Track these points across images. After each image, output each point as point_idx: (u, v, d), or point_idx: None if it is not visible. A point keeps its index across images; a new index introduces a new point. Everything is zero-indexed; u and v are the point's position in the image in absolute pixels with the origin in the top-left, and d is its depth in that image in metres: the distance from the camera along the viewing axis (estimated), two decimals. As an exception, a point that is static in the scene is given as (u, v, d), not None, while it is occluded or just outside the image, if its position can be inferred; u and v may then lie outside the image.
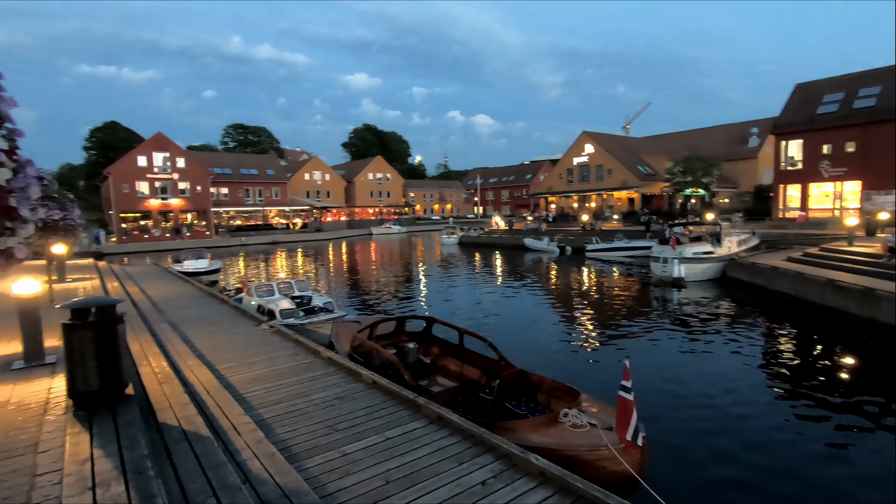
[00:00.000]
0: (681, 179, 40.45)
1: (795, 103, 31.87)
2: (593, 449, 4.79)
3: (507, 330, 13.25)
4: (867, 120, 27.49)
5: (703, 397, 8.27)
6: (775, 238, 24.67)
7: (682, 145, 50.94)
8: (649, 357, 10.69)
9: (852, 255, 15.77)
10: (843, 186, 28.87)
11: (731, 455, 6.34)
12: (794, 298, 14.63)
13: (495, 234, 45.05)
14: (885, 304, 11.29)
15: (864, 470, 6.00)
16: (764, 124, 47.36)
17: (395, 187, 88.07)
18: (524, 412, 6.44)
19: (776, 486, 5.65)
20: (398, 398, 5.82)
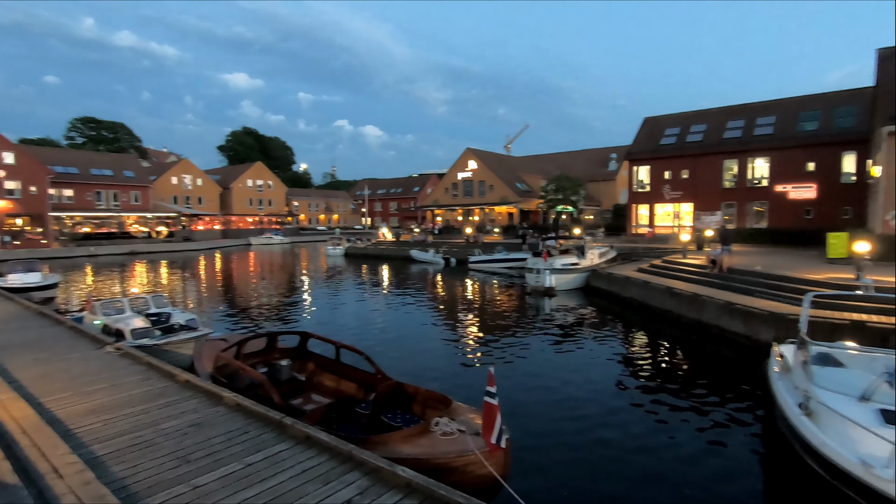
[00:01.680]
0: (553, 197, 44.14)
1: (644, 134, 36.67)
2: (461, 455, 4.94)
3: (390, 342, 13.21)
4: (697, 152, 32.61)
5: (568, 397, 9.00)
6: (629, 251, 27.96)
7: (554, 166, 55.71)
8: (523, 361, 11.38)
9: (685, 266, 18.46)
10: (680, 207, 33.79)
11: (589, 451, 6.96)
12: (642, 304, 16.68)
13: (382, 245, 44.90)
14: (708, 308, 13.38)
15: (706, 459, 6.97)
16: (621, 150, 53.79)
17: (277, 195, 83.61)
18: (399, 424, 6.44)
19: (634, 483, 6.32)
20: (263, 420, 5.47)
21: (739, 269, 15.81)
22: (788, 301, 12.15)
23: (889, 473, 4.13)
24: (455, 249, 36.95)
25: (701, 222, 31.10)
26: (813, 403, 5.55)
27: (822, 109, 30.03)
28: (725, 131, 32.62)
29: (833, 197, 27.75)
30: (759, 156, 30.50)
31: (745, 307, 12.21)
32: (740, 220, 30.84)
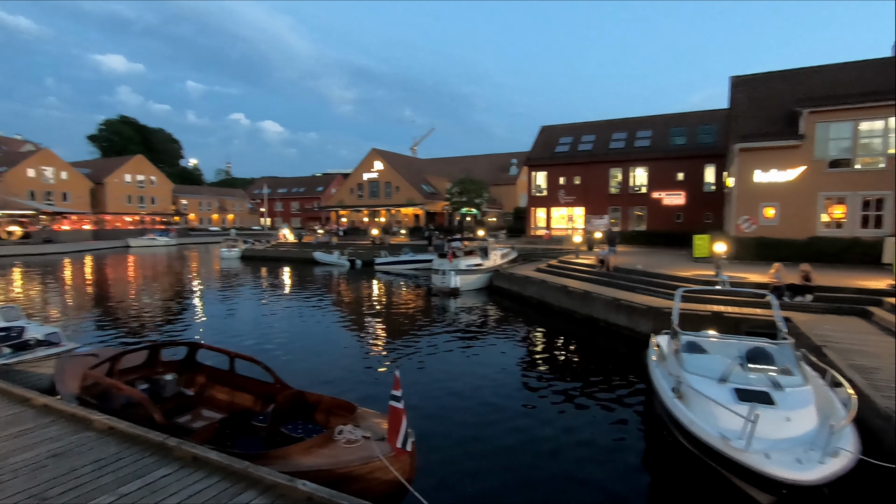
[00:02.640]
0: (458, 199, 45.19)
1: (541, 142, 38.95)
2: (366, 462, 4.83)
3: (291, 349, 12.59)
4: (587, 160, 35.35)
5: (472, 396, 9.22)
6: (529, 252, 29.49)
7: (458, 169, 57.10)
8: (429, 362, 11.46)
9: (578, 265, 19.89)
10: (574, 211, 36.40)
11: (491, 447, 7.19)
12: (541, 302, 17.67)
13: (283, 247, 42.78)
14: (597, 304, 14.52)
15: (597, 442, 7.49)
16: (520, 156, 56.56)
17: (162, 192, 76.07)
18: (301, 435, 6.15)
19: (534, 474, 6.60)
20: (142, 443, 4.91)
21: (623, 268, 17.39)
22: (663, 296, 13.60)
23: (742, 444, 4.77)
24: (361, 251, 36.33)
25: (591, 225, 33.74)
26: (683, 387, 6.24)
27: (688, 126, 34.17)
28: (611, 142, 35.77)
29: (698, 203, 31.65)
30: (639, 165, 33.85)
31: (629, 302, 13.44)
32: (624, 223, 33.97)
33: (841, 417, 5.24)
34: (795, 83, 22.50)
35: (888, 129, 18.43)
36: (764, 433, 4.90)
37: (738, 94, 23.53)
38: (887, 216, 18.48)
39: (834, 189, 19.29)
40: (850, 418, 5.17)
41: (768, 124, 20.80)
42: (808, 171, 19.45)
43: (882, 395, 6.25)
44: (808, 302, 12.09)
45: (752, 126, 21.07)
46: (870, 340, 9.18)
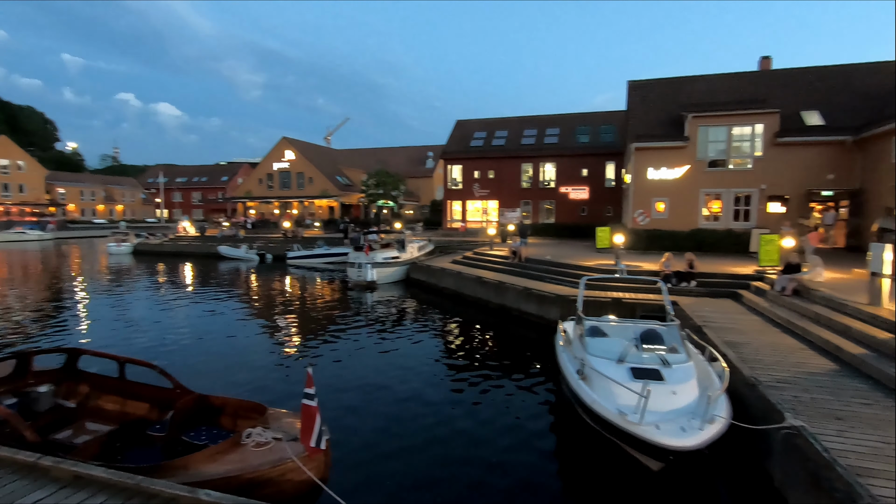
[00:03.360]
0: (374, 191, 44.57)
1: (457, 136, 39.53)
2: (277, 464, 4.64)
3: (195, 351, 11.70)
4: (500, 155, 36.49)
5: (390, 389, 9.19)
6: (445, 244, 29.90)
7: (374, 160, 56.28)
8: (346, 358, 11.23)
9: (492, 257, 20.53)
10: (488, 204, 37.46)
11: (409, 440, 7.21)
12: (457, 293, 18.01)
13: (183, 241, 39.49)
14: (510, 293, 15.11)
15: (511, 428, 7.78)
16: (437, 149, 56.99)
17: (32, 179, 66.83)
18: (205, 442, 5.74)
19: (452, 465, 6.71)
20: (9, 465, 4.30)
21: (534, 259, 18.24)
22: (570, 284, 14.46)
23: (636, 418, 5.22)
24: (272, 245, 34.60)
25: (504, 218, 34.94)
26: (587, 369, 6.70)
27: (592, 126, 36.52)
28: (523, 138, 37.23)
29: (600, 198, 34.03)
30: (548, 161, 35.60)
31: (539, 291, 14.13)
32: (535, 216, 35.62)
33: (717, 388, 5.93)
34: (681, 89, 24.90)
35: (755, 135, 21.04)
36: (655, 406, 5.41)
37: (634, 98, 25.55)
38: (754, 211, 21.15)
39: (712, 186, 21.68)
40: (724, 388, 5.87)
41: (659, 126, 22.83)
42: (692, 170, 21.67)
43: (748, 367, 7.17)
44: (692, 287, 13.50)
45: (645, 127, 23.00)
46: (740, 319, 10.47)
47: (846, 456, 4.59)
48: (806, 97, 22.20)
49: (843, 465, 4.39)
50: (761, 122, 20.82)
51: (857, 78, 22.64)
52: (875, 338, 7.65)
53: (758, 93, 22.89)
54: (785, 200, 20.88)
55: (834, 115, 20.86)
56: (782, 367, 7.27)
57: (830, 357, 7.75)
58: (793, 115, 21.23)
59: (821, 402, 5.94)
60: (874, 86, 21.58)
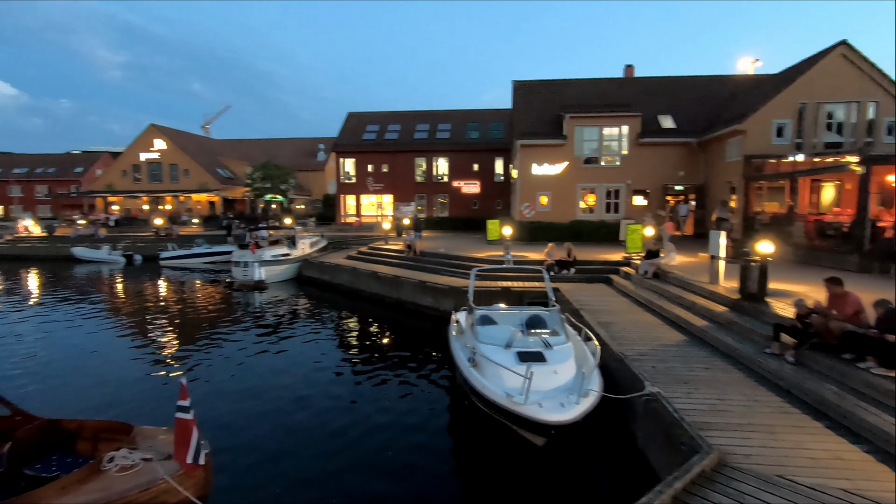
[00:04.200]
0: (260, 185, 41.94)
1: (349, 128, 38.60)
2: (147, 487, 4.20)
3: (45, 371, 10.10)
4: (394, 149, 36.39)
5: (282, 392, 8.76)
6: (340, 240, 29.14)
7: (260, 152, 52.94)
8: (231, 364, 10.47)
9: (388, 251, 20.46)
10: (383, 198, 37.20)
11: (307, 445, 6.95)
12: (352, 289, 17.68)
13: (25, 242, 33.79)
14: (406, 287, 15.20)
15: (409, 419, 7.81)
16: (328, 142, 55.15)
17: None
18: (56, 472, 5.00)
19: (348, 467, 6.57)
20: None
21: (429, 252, 18.53)
22: (463, 276, 14.93)
23: (522, 399, 5.58)
24: (141, 244, 31.00)
25: (399, 212, 34.97)
26: (477, 356, 6.98)
27: (482, 122, 37.91)
28: (416, 133, 37.45)
29: (491, 192, 35.50)
30: (441, 156, 36.27)
31: (434, 284, 14.40)
32: (429, 210, 36.13)
33: (591, 365, 6.54)
34: (559, 91, 26.84)
35: (622, 135, 23.41)
36: (538, 386, 5.81)
37: (519, 97, 27.01)
38: (622, 203, 23.57)
39: (588, 181, 23.74)
40: (596, 364, 6.50)
41: (541, 124, 24.40)
42: (570, 167, 23.51)
43: (617, 344, 8.01)
44: (572, 274, 14.70)
45: (529, 125, 24.44)
46: (610, 301, 11.64)
47: (691, 414, 5.35)
48: (662, 103, 25.17)
49: (689, 421, 5.11)
50: (626, 123, 23.23)
51: (701, 88, 26.21)
52: (714, 311, 8.99)
53: (623, 97, 25.45)
54: (646, 194, 23.56)
55: (683, 119, 23.94)
56: (644, 341, 8.23)
57: (681, 330, 8.94)
58: (651, 118, 23.96)
59: (673, 369, 6.84)
60: (713, 95, 25.17)
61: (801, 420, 5.29)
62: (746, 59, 29.76)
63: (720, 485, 4.08)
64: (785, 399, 5.81)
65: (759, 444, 4.76)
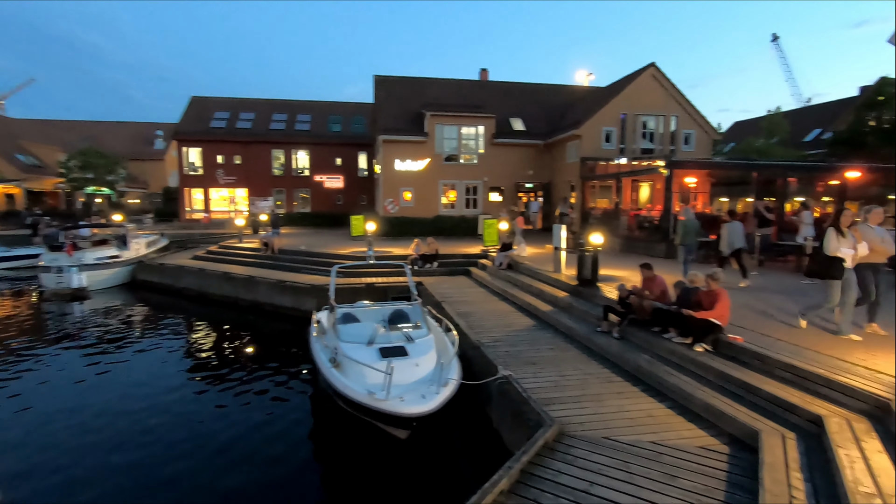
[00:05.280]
0: (80, 175, 35.64)
1: (193, 114, 34.69)
2: None
3: None
4: (247, 139, 33.70)
5: (114, 417, 7.55)
6: (184, 238, 26.16)
7: (78, 136, 44.93)
8: (42, 391, 8.71)
9: (242, 250, 18.92)
10: (236, 192, 34.26)
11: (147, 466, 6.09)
12: (200, 293, 15.98)
13: None
14: (262, 287, 14.23)
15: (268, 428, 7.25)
16: (169, 128, 48.94)
17: None
18: None
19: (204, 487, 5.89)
20: None
21: (288, 250, 17.58)
22: (325, 274, 14.41)
23: (384, 395, 5.58)
24: None
25: (255, 207, 32.57)
26: (339, 356, 6.81)
27: (344, 115, 37.03)
28: (272, 122, 35.14)
29: (355, 187, 34.92)
30: (301, 148, 34.58)
31: (293, 283, 13.71)
32: (289, 205, 34.26)
33: (450, 355, 6.81)
34: (420, 89, 27.42)
35: (478, 135, 24.78)
36: (400, 380, 5.87)
37: (381, 92, 26.95)
38: (480, 199, 25.00)
39: (449, 178, 24.68)
40: (455, 354, 6.79)
41: (403, 121, 24.68)
42: (432, 163, 24.20)
43: (474, 332, 8.48)
44: (435, 268, 15.16)
45: (391, 121, 24.55)
46: (469, 292, 12.28)
47: (537, 392, 5.89)
48: (513, 106, 27.22)
49: (535, 399, 5.62)
50: (482, 124, 24.65)
51: (546, 95, 28.95)
52: (557, 297, 10.01)
53: (479, 99, 26.95)
54: (501, 191, 25.32)
55: (532, 123, 26.19)
56: (498, 328, 8.84)
57: (531, 315, 9.80)
58: (504, 120, 25.77)
59: (523, 352, 7.46)
60: (556, 102, 27.98)
61: (623, 387, 6.16)
62: (582, 72, 33.65)
63: (560, 453, 4.55)
64: (611, 370, 6.72)
65: (591, 412, 5.43)
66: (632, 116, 22.51)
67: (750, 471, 4.19)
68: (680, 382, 5.80)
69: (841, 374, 5.08)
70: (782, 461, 4.10)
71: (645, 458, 4.44)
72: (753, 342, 6.12)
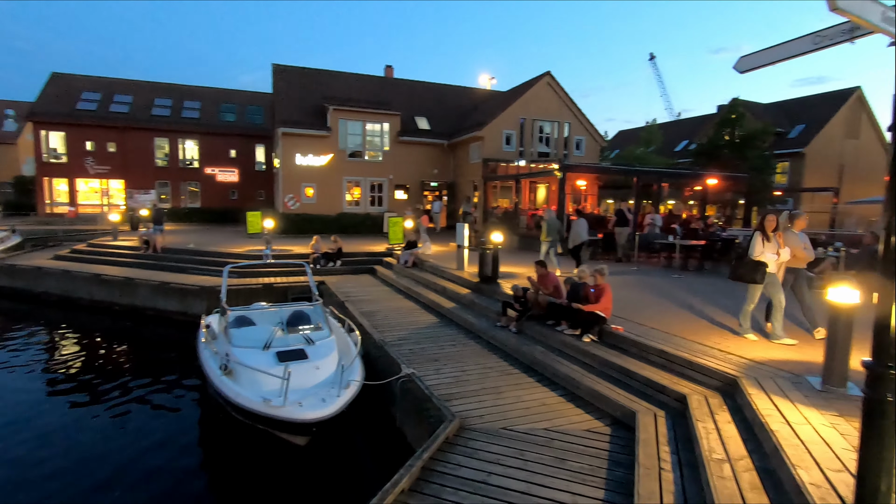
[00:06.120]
0: None
1: (53, 92, 30.23)
2: None
3: None
4: (124, 125, 30.13)
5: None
6: (43, 235, 22.78)
7: None
8: None
9: (117, 248, 16.92)
10: (109, 184, 30.49)
11: None
12: (64, 297, 14.01)
13: None
14: (142, 290, 12.85)
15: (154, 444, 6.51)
16: (23, 107, 42.19)
17: None
18: None
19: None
20: None
21: (174, 248, 16.06)
22: (218, 274, 13.41)
23: (280, 401, 5.31)
24: None
25: (134, 201, 29.33)
26: (231, 363, 6.35)
27: (238, 104, 34.58)
28: (154, 108, 31.80)
29: (252, 181, 32.83)
30: (188, 138, 31.70)
31: (180, 285, 12.56)
32: (176, 200, 31.30)
33: (353, 355, 6.67)
34: (323, 81, 26.51)
35: (383, 132, 24.55)
36: (299, 385, 5.62)
37: (280, 82, 25.60)
38: (385, 197, 24.81)
39: (353, 175, 24.16)
40: (357, 354, 6.67)
41: (304, 114, 23.69)
42: (336, 159, 23.52)
43: (378, 332, 8.40)
44: (338, 266, 14.76)
45: (291, 113, 23.44)
46: (374, 291, 12.14)
47: (439, 388, 5.98)
48: (418, 105, 27.34)
49: (437, 395, 5.70)
50: (387, 121, 24.45)
51: (450, 95, 29.48)
52: (460, 294, 10.26)
53: (384, 96, 26.69)
54: (406, 189, 25.35)
55: (436, 122, 26.52)
56: (402, 326, 8.84)
57: (435, 313, 9.92)
58: (410, 118, 25.81)
59: (426, 350, 7.53)
60: (460, 104, 28.60)
61: (519, 378, 6.47)
62: (485, 76, 34.81)
63: (460, 446, 4.66)
64: (510, 363, 7.03)
65: (490, 405, 5.64)
66: (530, 121, 23.73)
67: (628, 448, 4.62)
68: (570, 371, 6.23)
69: (701, 356, 5.79)
70: (654, 437, 4.58)
71: (538, 445, 4.71)
72: (631, 331, 6.76)
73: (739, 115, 25.43)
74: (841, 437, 3.77)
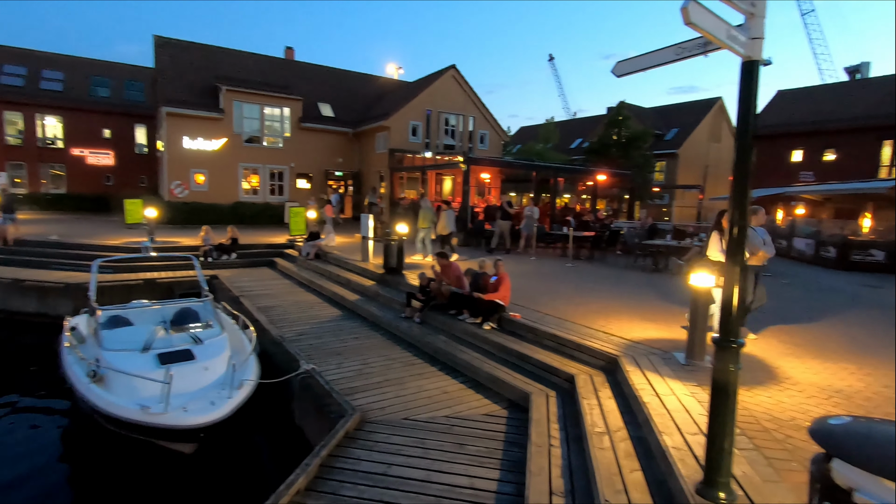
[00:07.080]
0: None
1: None
2: None
3: None
4: None
5: None
6: None
7: None
8: None
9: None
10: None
11: None
12: None
13: None
14: (-11, 290, 11.00)
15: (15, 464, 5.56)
16: None
17: None
18: None
19: None
20: None
21: (31, 241, 13.94)
22: (87, 270, 11.87)
23: (161, 408, 4.84)
24: None
25: (-20, 185, 24.92)
26: (102, 369, 5.67)
27: (114, 78, 30.69)
28: (3, 76, 27.17)
29: (130, 165, 29.42)
30: (49, 113, 27.53)
31: (39, 282, 10.96)
32: (34, 185, 27.10)
33: (246, 353, 6.28)
34: (213, 58, 24.44)
35: (284, 117, 23.28)
36: (184, 388, 5.17)
37: (163, 56, 23.17)
38: (286, 186, 23.61)
39: (250, 161, 22.67)
40: (251, 353, 6.29)
41: (193, 93, 21.69)
42: (230, 144, 21.88)
43: (276, 327, 8.00)
44: (233, 259, 13.80)
45: (177, 92, 21.35)
46: (273, 285, 11.54)
47: (340, 382, 5.85)
48: (321, 91, 26.27)
49: (337, 390, 5.57)
50: (288, 106, 23.23)
51: (356, 82, 28.70)
52: (364, 285, 10.10)
53: (284, 79, 25.29)
54: (309, 178, 24.34)
55: (341, 109, 25.70)
56: (303, 321, 8.51)
57: (338, 306, 9.68)
58: (312, 104, 24.73)
59: (328, 343, 7.33)
60: (366, 92, 27.97)
61: (423, 368, 6.54)
62: (392, 65, 34.39)
63: (360, 440, 4.60)
64: (413, 353, 7.07)
65: (393, 396, 5.63)
66: (436, 113, 23.90)
67: (523, 429, 4.87)
68: (470, 358, 6.42)
69: (588, 339, 6.27)
70: (545, 416, 4.88)
71: (439, 433, 4.79)
72: (528, 318, 7.12)
73: (625, 117, 27.80)
74: (698, 404, 4.30)
